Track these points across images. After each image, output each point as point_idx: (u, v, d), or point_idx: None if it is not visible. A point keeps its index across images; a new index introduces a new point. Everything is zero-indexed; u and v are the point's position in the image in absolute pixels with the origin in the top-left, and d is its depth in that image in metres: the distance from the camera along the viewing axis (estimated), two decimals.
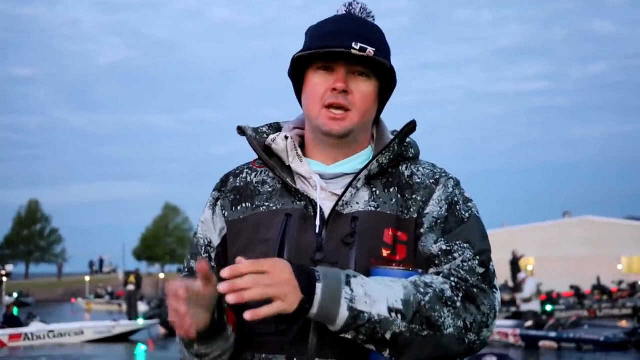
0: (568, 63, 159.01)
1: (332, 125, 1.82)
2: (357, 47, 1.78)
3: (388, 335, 1.66)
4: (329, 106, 1.82)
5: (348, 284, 1.65)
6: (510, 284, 31.01)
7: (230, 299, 1.58)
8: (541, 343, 18.90)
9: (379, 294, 1.66)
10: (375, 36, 1.86)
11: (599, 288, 31.27)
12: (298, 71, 1.90)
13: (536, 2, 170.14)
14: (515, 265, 31.28)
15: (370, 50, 1.79)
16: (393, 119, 1.94)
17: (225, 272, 1.59)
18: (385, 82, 1.89)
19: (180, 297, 1.64)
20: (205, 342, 1.76)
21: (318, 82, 1.84)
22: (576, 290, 30.96)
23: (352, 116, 1.83)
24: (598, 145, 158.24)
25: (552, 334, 18.92)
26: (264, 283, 1.58)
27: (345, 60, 1.82)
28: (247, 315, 1.60)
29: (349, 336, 1.67)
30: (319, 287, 1.63)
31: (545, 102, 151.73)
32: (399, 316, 1.65)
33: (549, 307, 24.20)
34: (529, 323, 19.98)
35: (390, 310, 1.65)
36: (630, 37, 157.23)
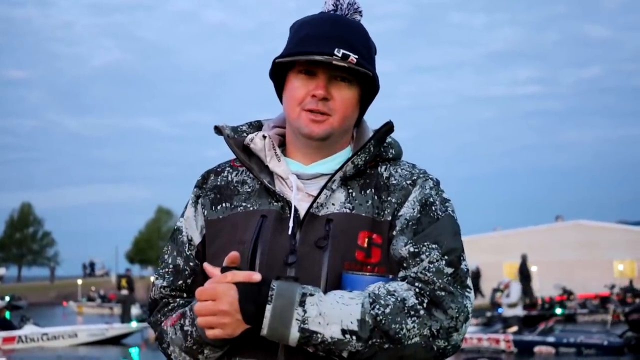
0: (561, 67, 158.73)
1: (312, 128, 1.82)
2: (340, 55, 1.77)
3: (345, 354, 1.68)
4: (309, 111, 1.82)
5: (302, 304, 1.66)
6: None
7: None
8: (537, 348, 18.59)
9: (334, 315, 1.66)
10: (359, 40, 1.84)
11: (631, 291, 29.60)
12: (280, 70, 1.89)
13: (530, 5, 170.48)
14: (524, 269, 30.57)
15: (353, 58, 1.78)
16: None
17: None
18: (368, 86, 1.88)
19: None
20: (221, 342, 1.76)
21: (299, 85, 1.83)
22: (568, 294, 30.89)
23: (332, 120, 1.82)
24: (591, 149, 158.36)
25: (551, 339, 18.43)
26: (207, 312, 1.68)
27: (327, 66, 1.81)
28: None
29: (310, 350, 1.69)
30: (268, 309, 1.65)
31: (538, 107, 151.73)
32: (354, 337, 1.65)
33: (559, 310, 23.87)
34: (514, 329, 19.67)
35: (344, 332, 1.65)
36: (624, 42, 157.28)
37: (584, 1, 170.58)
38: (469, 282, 1.77)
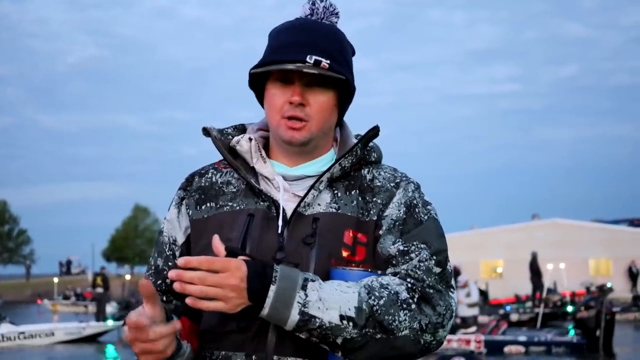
0: (539, 65, 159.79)
1: (291, 135, 1.86)
2: (312, 61, 1.81)
3: (339, 340, 1.72)
4: (288, 118, 1.85)
5: (304, 287, 1.70)
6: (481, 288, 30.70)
7: (176, 286, 1.67)
8: (507, 348, 18.59)
9: (333, 301, 1.70)
10: (332, 45, 1.87)
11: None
12: (259, 78, 1.93)
13: (509, 3, 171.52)
14: (534, 267, 30.25)
15: (325, 63, 1.82)
16: (365, 120, 1.95)
17: (180, 261, 1.66)
18: (344, 88, 1.91)
19: (142, 328, 1.67)
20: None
21: (276, 93, 1.87)
22: (547, 291, 30.99)
23: (310, 126, 1.86)
24: (567, 148, 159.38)
25: (522, 338, 18.57)
26: (210, 282, 1.65)
27: (301, 74, 1.84)
28: (188, 300, 1.67)
29: (302, 336, 1.73)
30: (272, 289, 1.68)
31: (516, 105, 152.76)
32: (350, 324, 1.70)
33: (570, 308, 23.81)
34: (473, 329, 19.61)
35: (342, 318, 1.70)
36: (601, 40, 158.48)
37: None
38: (453, 282, 1.85)
